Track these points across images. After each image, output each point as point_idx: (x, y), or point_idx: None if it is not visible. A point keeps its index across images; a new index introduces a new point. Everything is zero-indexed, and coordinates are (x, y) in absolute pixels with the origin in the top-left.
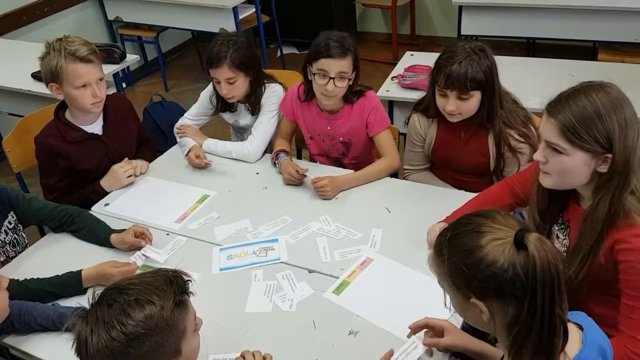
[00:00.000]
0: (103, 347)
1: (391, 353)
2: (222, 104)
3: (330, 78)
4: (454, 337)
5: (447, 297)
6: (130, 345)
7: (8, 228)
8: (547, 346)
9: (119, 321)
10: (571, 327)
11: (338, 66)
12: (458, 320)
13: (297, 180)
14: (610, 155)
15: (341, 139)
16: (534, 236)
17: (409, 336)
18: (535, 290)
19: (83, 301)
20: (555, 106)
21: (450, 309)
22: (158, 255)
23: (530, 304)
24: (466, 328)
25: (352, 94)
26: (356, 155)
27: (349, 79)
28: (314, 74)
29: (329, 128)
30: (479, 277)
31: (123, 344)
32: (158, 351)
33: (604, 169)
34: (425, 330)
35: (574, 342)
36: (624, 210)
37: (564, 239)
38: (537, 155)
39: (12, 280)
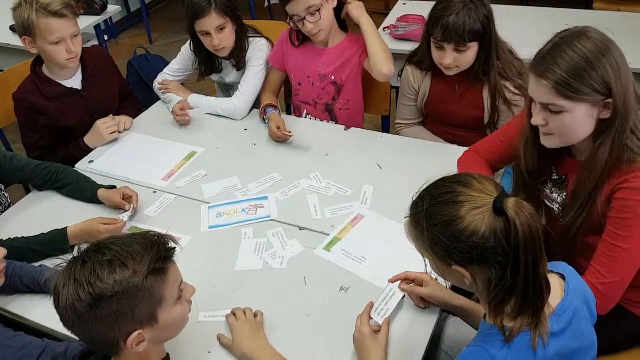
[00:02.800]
0: (70, 304)
1: (371, 305)
2: (207, 67)
3: (302, 19)
4: (433, 289)
5: (427, 262)
6: (96, 306)
7: None
8: (533, 303)
9: (88, 281)
10: (553, 278)
11: (300, 5)
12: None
13: (279, 139)
14: (611, 100)
15: (332, 77)
16: (512, 201)
17: (401, 287)
18: (517, 254)
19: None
20: (541, 65)
21: (431, 274)
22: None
23: (513, 267)
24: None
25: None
26: (347, 99)
27: (319, 10)
28: (292, 22)
29: (320, 65)
30: (461, 248)
31: (88, 304)
32: (126, 316)
33: (606, 115)
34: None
35: (556, 291)
36: (627, 153)
37: (560, 193)
38: (537, 120)
39: None
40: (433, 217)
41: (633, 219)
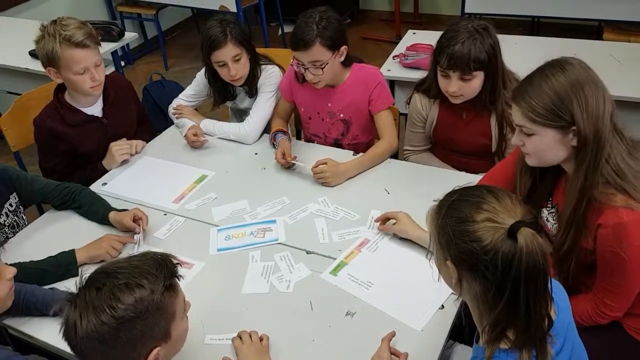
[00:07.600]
0: (92, 331)
1: (394, 333)
2: (221, 96)
3: (305, 68)
4: (402, 225)
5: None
6: (120, 329)
7: (9, 210)
8: (531, 336)
9: (109, 305)
10: None
11: (307, 57)
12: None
13: (283, 164)
14: (575, 128)
15: (341, 115)
16: (529, 232)
17: (379, 228)
18: (506, 280)
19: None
20: (517, 91)
21: (439, 279)
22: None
23: (497, 291)
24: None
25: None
26: (356, 134)
27: (322, 67)
28: (294, 63)
29: (330, 105)
30: (460, 247)
31: (113, 327)
32: (148, 334)
33: (575, 142)
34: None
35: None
36: (601, 182)
37: (554, 223)
38: (515, 140)
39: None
40: (453, 209)
41: (619, 256)
